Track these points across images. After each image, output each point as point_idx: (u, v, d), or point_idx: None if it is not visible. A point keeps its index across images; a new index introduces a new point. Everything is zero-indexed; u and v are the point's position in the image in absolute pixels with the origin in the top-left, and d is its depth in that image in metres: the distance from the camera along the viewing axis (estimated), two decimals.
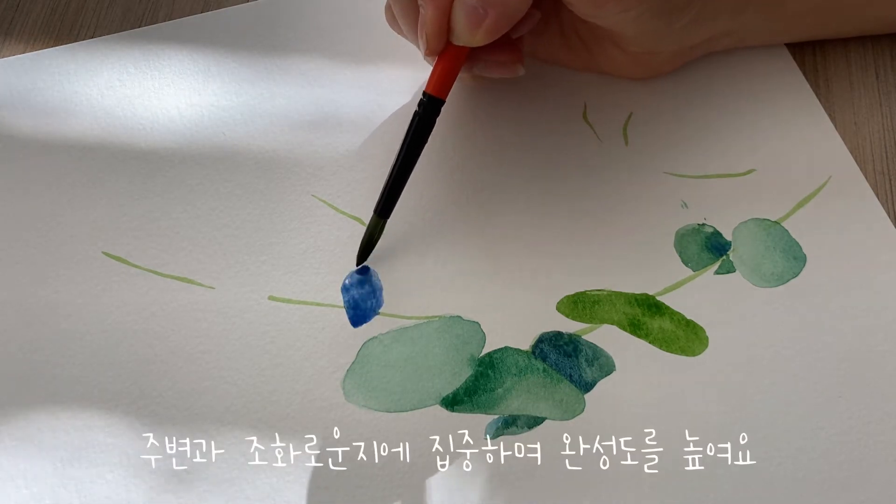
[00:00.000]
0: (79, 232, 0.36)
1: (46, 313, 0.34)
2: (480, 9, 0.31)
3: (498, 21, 0.31)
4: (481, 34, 0.32)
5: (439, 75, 0.33)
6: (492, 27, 0.32)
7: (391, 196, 0.34)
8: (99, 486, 0.31)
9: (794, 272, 0.34)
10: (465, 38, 0.32)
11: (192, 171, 0.37)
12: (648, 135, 0.37)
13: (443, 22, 0.32)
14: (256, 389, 0.32)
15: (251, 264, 0.35)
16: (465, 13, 0.31)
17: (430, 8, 0.32)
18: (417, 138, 0.33)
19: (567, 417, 0.31)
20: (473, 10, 0.31)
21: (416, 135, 0.33)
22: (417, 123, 0.33)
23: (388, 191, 0.34)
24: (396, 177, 0.34)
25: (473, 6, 0.31)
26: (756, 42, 0.38)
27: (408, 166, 0.34)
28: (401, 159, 0.33)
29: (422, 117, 0.33)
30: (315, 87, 0.39)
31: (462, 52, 0.33)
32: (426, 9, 0.32)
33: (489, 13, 0.31)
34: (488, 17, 0.31)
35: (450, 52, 0.33)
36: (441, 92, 0.33)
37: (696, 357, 0.32)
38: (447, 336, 0.33)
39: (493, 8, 0.31)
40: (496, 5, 0.31)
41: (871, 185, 0.35)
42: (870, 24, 0.38)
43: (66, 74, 0.40)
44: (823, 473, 0.30)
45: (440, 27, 0.32)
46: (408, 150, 0.33)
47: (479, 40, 0.32)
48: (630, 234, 0.35)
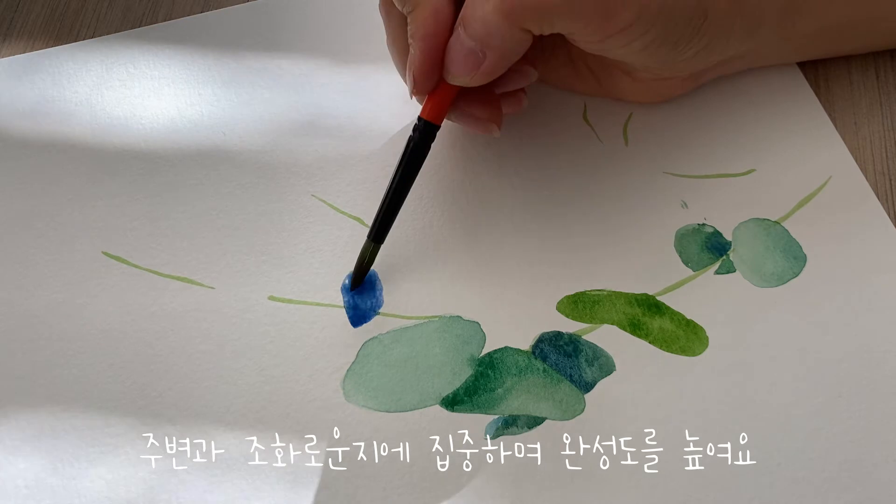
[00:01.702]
0: (79, 232, 0.36)
1: (46, 313, 0.34)
2: (479, 52, 0.30)
3: (495, 64, 0.31)
4: (478, 76, 0.31)
5: (435, 103, 0.32)
6: (489, 69, 0.31)
7: (385, 222, 0.33)
8: (99, 486, 0.31)
9: (794, 272, 0.34)
10: (461, 79, 0.31)
11: (192, 171, 0.37)
12: (648, 135, 0.37)
13: (433, 63, 0.31)
14: (256, 389, 0.32)
15: (251, 264, 0.35)
16: (463, 54, 0.31)
17: (420, 47, 0.31)
18: (413, 163, 0.33)
19: (567, 417, 0.31)
20: (472, 52, 0.30)
21: (410, 160, 0.33)
22: (412, 149, 0.33)
23: (382, 216, 0.33)
24: (390, 203, 0.33)
25: (472, 48, 0.30)
26: (768, 63, 0.38)
27: (403, 191, 0.33)
28: (395, 185, 0.33)
29: (416, 143, 0.32)
30: (315, 86, 0.39)
31: (454, 88, 0.32)
32: (415, 48, 0.31)
33: (488, 55, 0.30)
34: (486, 60, 0.30)
35: (442, 88, 0.32)
36: (437, 118, 0.32)
37: (696, 357, 0.32)
38: (447, 336, 0.33)
39: (491, 51, 0.30)
40: (495, 48, 0.30)
41: (871, 185, 0.35)
42: (883, 40, 0.38)
43: (66, 74, 0.40)
44: (823, 473, 0.30)
45: (430, 68, 0.31)
46: (402, 176, 0.33)
47: (476, 82, 0.31)
48: (630, 234, 0.35)
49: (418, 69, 0.31)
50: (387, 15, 0.33)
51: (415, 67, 0.31)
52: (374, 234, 0.33)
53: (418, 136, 0.32)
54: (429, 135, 0.33)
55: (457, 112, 0.34)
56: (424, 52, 0.31)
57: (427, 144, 0.33)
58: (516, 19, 0.30)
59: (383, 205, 0.33)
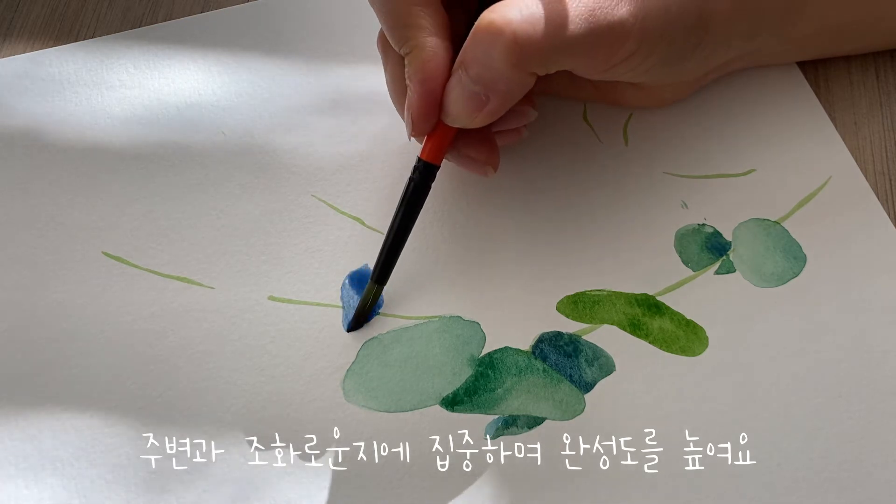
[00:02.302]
0: (79, 232, 0.36)
1: (46, 313, 0.34)
2: (482, 95, 0.30)
3: (499, 106, 0.30)
4: (481, 118, 0.30)
5: (434, 144, 0.32)
6: (493, 111, 0.30)
7: (387, 263, 0.33)
8: (99, 486, 0.31)
9: (794, 272, 0.34)
10: (462, 121, 0.31)
11: (192, 171, 0.37)
12: (648, 135, 0.37)
13: (431, 105, 0.31)
14: (256, 389, 0.32)
15: (251, 264, 0.35)
16: (465, 98, 0.30)
17: (418, 90, 0.30)
18: (413, 204, 0.32)
19: (567, 417, 0.31)
20: (475, 95, 0.30)
21: (411, 201, 0.32)
22: (413, 190, 0.32)
23: (384, 258, 0.33)
24: (392, 244, 0.32)
25: (474, 92, 0.30)
26: (768, 63, 0.38)
27: (404, 233, 0.32)
28: (397, 226, 0.32)
29: (417, 184, 0.32)
30: (315, 86, 0.39)
31: (453, 130, 0.32)
32: (413, 90, 0.30)
33: (491, 99, 0.30)
34: (490, 103, 0.30)
35: (441, 129, 0.32)
36: (436, 159, 0.32)
37: (696, 357, 0.32)
38: (447, 336, 0.33)
39: (495, 95, 0.30)
40: (499, 93, 0.30)
41: (871, 185, 0.35)
42: (883, 40, 0.38)
43: (66, 74, 0.40)
44: (823, 473, 0.30)
45: (428, 110, 0.31)
46: (403, 217, 0.32)
47: (478, 123, 0.31)
48: (630, 234, 0.35)
49: (416, 111, 0.31)
50: (384, 54, 0.33)
51: (413, 109, 0.31)
52: (377, 276, 0.33)
53: (419, 177, 0.32)
54: (429, 175, 0.32)
55: (453, 153, 0.33)
56: (422, 95, 0.30)
57: (427, 185, 0.32)
58: (525, 65, 0.29)
59: (385, 246, 0.33)
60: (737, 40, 0.35)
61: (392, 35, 0.31)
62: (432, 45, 0.30)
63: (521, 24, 0.29)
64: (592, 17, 0.30)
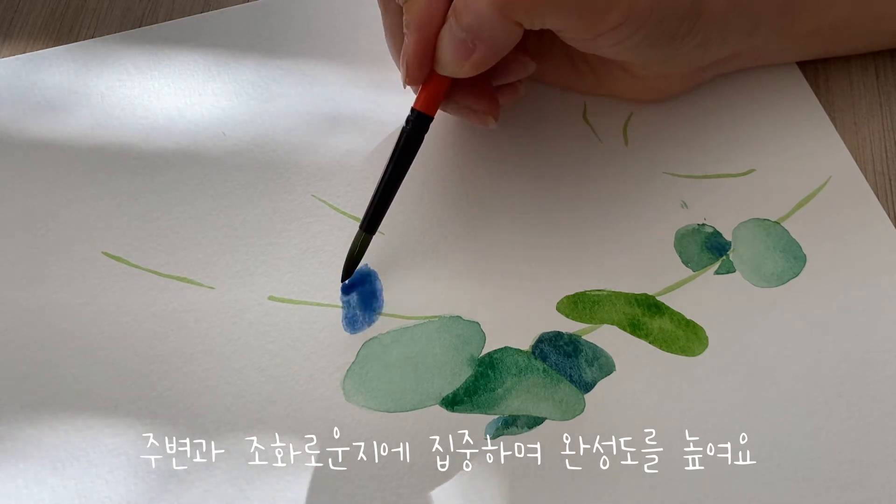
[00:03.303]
0: (78, 232, 0.36)
1: (46, 313, 0.34)
2: (469, 42, 0.30)
3: (486, 55, 0.31)
4: (468, 67, 0.31)
5: (427, 94, 0.32)
6: (479, 61, 0.31)
7: (377, 212, 0.33)
8: (99, 486, 0.31)
9: (794, 272, 0.34)
10: (451, 69, 0.31)
11: (192, 171, 0.37)
12: (648, 135, 0.37)
13: (425, 52, 0.31)
14: (256, 389, 0.32)
15: (251, 264, 0.35)
16: (453, 45, 0.31)
17: (413, 37, 0.31)
18: (405, 154, 0.33)
19: (567, 417, 0.31)
20: (462, 42, 0.31)
21: (403, 151, 0.33)
22: (405, 139, 0.33)
23: (374, 207, 0.33)
24: (383, 193, 0.33)
25: (462, 39, 0.30)
26: (767, 62, 0.38)
27: (395, 182, 0.33)
28: (388, 175, 0.33)
29: (409, 134, 0.33)
30: (315, 86, 0.39)
31: (447, 79, 0.32)
32: (409, 36, 0.31)
33: (478, 47, 0.31)
34: (476, 51, 0.31)
35: (435, 79, 0.32)
36: (430, 109, 0.33)
37: (696, 357, 0.32)
38: (447, 336, 0.33)
39: (481, 42, 0.30)
40: (485, 40, 0.30)
41: (871, 185, 0.35)
42: (882, 40, 0.38)
43: (66, 74, 0.40)
44: (823, 473, 0.30)
45: (422, 58, 0.31)
46: (395, 167, 0.33)
47: (466, 72, 0.31)
48: (630, 234, 0.35)
49: (411, 58, 0.31)
50: (384, 5, 0.33)
51: (408, 56, 0.31)
52: (365, 224, 0.33)
53: (411, 127, 0.33)
54: (422, 126, 0.33)
55: (453, 104, 0.34)
56: (417, 41, 0.31)
57: (420, 135, 0.33)
58: (508, 12, 0.30)
59: (376, 195, 0.33)
60: (733, 35, 0.35)
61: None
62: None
63: None
64: None
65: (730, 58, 0.36)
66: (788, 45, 0.37)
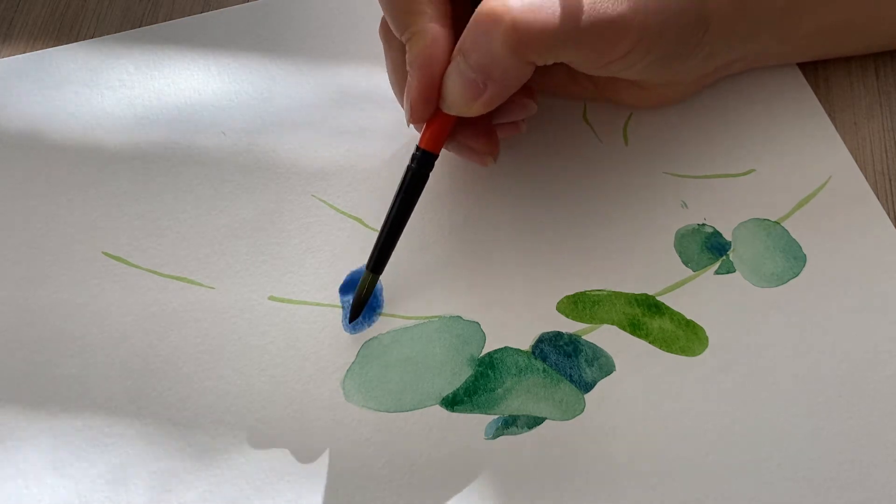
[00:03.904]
0: (78, 232, 0.36)
1: (46, 313, 0.34)
2: (480, 82, 0.30)
3: (496, 94, 0.30)
4: (478, 106, 0.30)
5: (433, 132, 0.32)
6: (489, 100, 0.30)
7: (384, 252, 0.32)
8: (99, 486, 0.31)
9: (794, 272, 0.34)
10: (459, 108, 0.31)
11: (192, 171, 0.37)
12: (648, 135, 0.37)
13: (430, 91, 0.31)
14: (256, 389, 0.32)
15: (251, 264, 0.35)
16: (463, 85, 0.30)
17: (417, 75, 0.30)
18: (410, 193, 0.32)
19: (567, 417, 0.31)
20: (472, 82, 0.30)
21: (409, 190, 0.32)
22: (411, 178, 0.32)
23: (381, 247, 0.32)
24: (389, 233, 0.32)
25: (472, 79, 0.30)
26: (769, 64, 0.38)
27: (401, 222, 0.32)
28: (394, 215, 0.32)
29: (415, 172, 0.32)
30: (315, 86, 0.39)
31: (452, 118, 0.32)
32: (413, 75, 0.31)
33: (489, 87, 0.30)
34: (487, 91, 0.30)
35: (440, 118, 0.32)
36: (435, 147, 0.32)
37: (696, 357, 0.32)
38: (447, 336, 0.33)
39: (493, 83, 0.30)
40: (497, 80, 0.30)
41: (871, 185, 0.35)
42: (883, 41, 0.38)
43: (65, 74, 0.40)
44: (823, 473, 0.30)
45: (427, 96, 0.31)
46: (401, 206, 0.32)
47: (475, 111, 0.31)
48: (630, 234, 0.35)
49: (415, 97, 0.31)
50: (386, 42, 0.33)
51: (412, 95, 0.31)
52: (372, 265, 0.33)
53: (416, 166, 0.32)
54: (427, 164, 0.32)
55: (454, 143, 0.33)
56: (422, 80, 0.30)
57: (425, 174, 0.32)
58: (523, 53, 0.29)
59: (381, 235, 0.32)
60: (736, 41, 0.35)
61: (394, 21, 0.31)
62: (433, 32, 0.30)
63: (522, 12, 0.29)
64: (593, 10, 0.30)
65: (732, 62, 0.36)
66: (790, 48, 0.37)
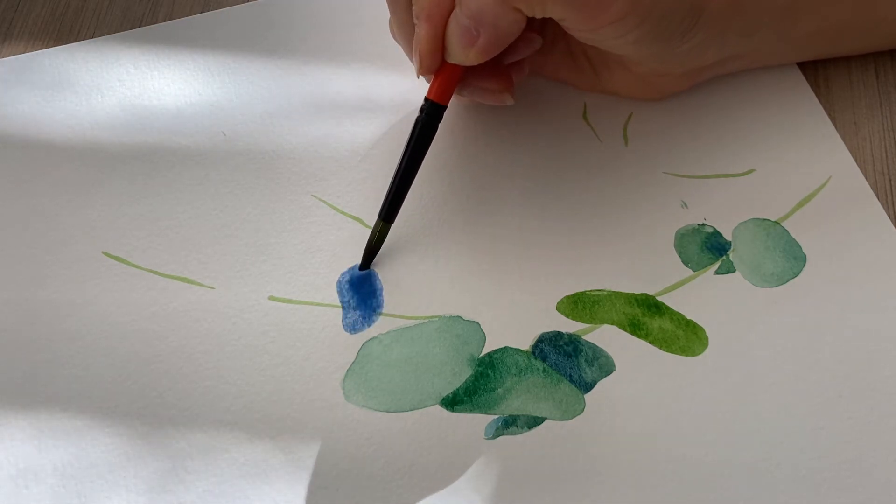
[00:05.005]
0: (78, 232, 0.36)
1: (46, 313, 0.34)
2: (473, 29, 0.31)
3: (489, 42, 0.31)
4: (474, 53, 0.32)
5: (440, 83, 0.33)
6: (483, 47, 0.31)
7: (395, 201, 0.34)
8: (99, 486, 0.31)
9: (794, 272, 0.34)
10: (458, 56, 0.32)
11: (192, 171, 0.37)
12: (648, 135, 0.37)
13: (437, 41, 0.32)
14: (256, 389, 0.32)
15: (251, 264, 0.35)
16: (459, 32, 0.31)
17: (424, 26, 0.32)
18: (420, 143, 0.34)
19: (567, 417, 0.31)
20: (466, 29, 0.31)
21: (419, 140, 0.33)
22: (420, 129, 0.33)
23: (392, 196, 0.34)
24: (400, 182, 0.34)
25: (466, 26, 0.31)
26: (768, 63, 0.38)
27: (411, 171, 0.34)
28: (404, 164, 0.34)
29: (424, 123, 0.33)
30: (315, 86, 0.39)
31: (458, 68, 0.33)
32: (420, 27, 0.32)
33: (482, 34, 0.31)
34: (480, 38, 0.31)
35: (446, 68, 0.33)
36: (442, 98, 0.33)
37: (696, 357, 0.32)
38: (447, 336, 0.33)
39: (484, 29, 0.31)
40: (487, 26, 0.31)
41: (871, 185, 0.35)
42: (883, 41, 0.38)
43: (66, 74, 0.40)
44: (823, 473, 0.30)
45: (434, 46, 0.32)
46: (411, 156, 0.34)
47: (472, 59, 0.32)
48: (630, 234, 0.35)
49: (423, 48, 0.32)
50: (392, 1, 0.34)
51: (420, 46, 0.32)
52: (384, 213, 0.34)
53: (425, 117, 0.33)
54: (435, 115, 0.33)
55: (468, 87, 0.34)
56: (428, 30, 0.32)
57: (434, 124, 0.33)
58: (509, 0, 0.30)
59: (392, 185, 0.34)
60: (732, 36, 0.35)
61: None
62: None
63: None
64: None
65: (729, 59, 0.36)
66: (789, 47, 0.37)
